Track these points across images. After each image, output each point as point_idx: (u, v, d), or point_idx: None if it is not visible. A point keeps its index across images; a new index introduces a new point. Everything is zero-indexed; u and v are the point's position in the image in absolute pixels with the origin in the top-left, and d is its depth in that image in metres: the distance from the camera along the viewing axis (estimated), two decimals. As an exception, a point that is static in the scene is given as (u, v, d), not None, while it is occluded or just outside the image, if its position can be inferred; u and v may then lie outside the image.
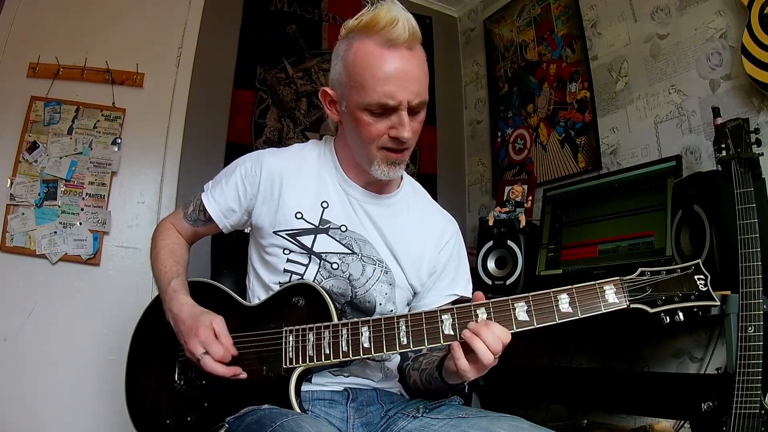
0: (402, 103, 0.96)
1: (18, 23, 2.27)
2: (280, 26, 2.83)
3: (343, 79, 1.02)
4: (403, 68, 0.95)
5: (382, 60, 0.95)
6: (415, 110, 1.00)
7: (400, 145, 1.01)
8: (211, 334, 0.98)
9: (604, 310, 0.87)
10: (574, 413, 2.23)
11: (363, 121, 1.00)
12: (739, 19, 1.87)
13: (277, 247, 1.10)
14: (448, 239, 1.20)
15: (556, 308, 0.87)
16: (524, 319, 0.88)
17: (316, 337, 0.98)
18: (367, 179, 1.12)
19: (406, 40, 0.95)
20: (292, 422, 0.86)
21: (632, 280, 0.88)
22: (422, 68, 0.99)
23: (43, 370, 2.10)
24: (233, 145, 2.58)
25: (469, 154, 3.26)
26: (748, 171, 1.41)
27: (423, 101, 1.00)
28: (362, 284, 1.10)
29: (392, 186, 1.17)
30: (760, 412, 1.25)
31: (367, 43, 0.96)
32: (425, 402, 1.05)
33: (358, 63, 0.97)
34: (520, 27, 2.94)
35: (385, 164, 1.04)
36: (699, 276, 0.88)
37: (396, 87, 0.95)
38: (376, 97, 0.96)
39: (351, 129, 1.05)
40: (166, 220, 1.28)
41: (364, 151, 1.04)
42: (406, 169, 1.14)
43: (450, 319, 0.91)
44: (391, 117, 0.98)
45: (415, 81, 0.97)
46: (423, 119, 1.03)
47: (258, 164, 1.13)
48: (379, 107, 0.97)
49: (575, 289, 0.88)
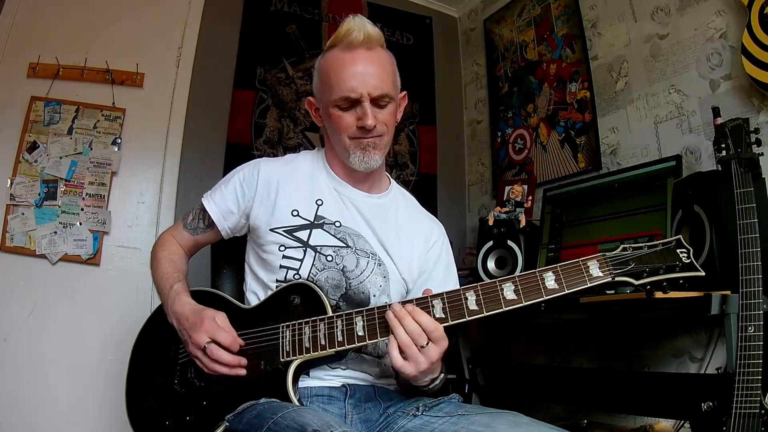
0: (363, 95, 1.08)
1: (18, 23, 2.27)
2: (280, 26, 2.83)
3: (318, 86, 1.17)
4: (361, 65, 1.08)
5: (344, 60, 1.09)
6: (379, 103, 1.10)
7: (366, 133, 1.11)
8: (216, 325, 1.02)
9: (589, 284, 0.89)
10: (574, 413, 2.23)
11: (334, 115, 1.12)
12: (739, 19, 1.87)
13: (274, 243, 1.13)
14: (435, 240, 1.26)
15: (542, 286, 0.90)
16: (512, 297, 0.91)
17: (312, 330, 1.00)
18: (355, 178, 1.20)
19: (362, 41, 1.08)
20: (293, 413, 0.87)
21: (615, 255, 0.91)
22: (381, 65, 1.11)
23: (43, 370, 2.11)
24: (233, 145, 2.59)
25: (469, 154, 3.26)
26: (748, 171, 1.41)
27: (384, 93, 1.10)
28: (356, 276, 1.13)
29: (382, 187, 1.26)
30: (760, 412, 1.25)
31: (334, 51, 1.12)
32: (425, 400, 1.05)
33: (327, 67, 1.12)
34: (520, 27, 2.94)
35: (360, 151, 1.13)
36: (681, 249, 0.90)
37: (356, 82, 1.08)
38: (340, 93, 1.09)
39: (328, 126, 1.17)
40: (166, 232, 1.32)
41: (340, 143, 1.15)
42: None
43: (440, 303, 0.93)
44: (357, 109, 1.10)
45: (372, 75, 1.08)
46: (392, 111, 1.14)
47: (255, 170, 1.21)
48: (344, 101, 1.09)
49: (560, 267, 0.91)
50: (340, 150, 1.16)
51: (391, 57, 1.15)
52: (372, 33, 1.09)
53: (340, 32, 1.10)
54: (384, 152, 1.17)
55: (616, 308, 1.74)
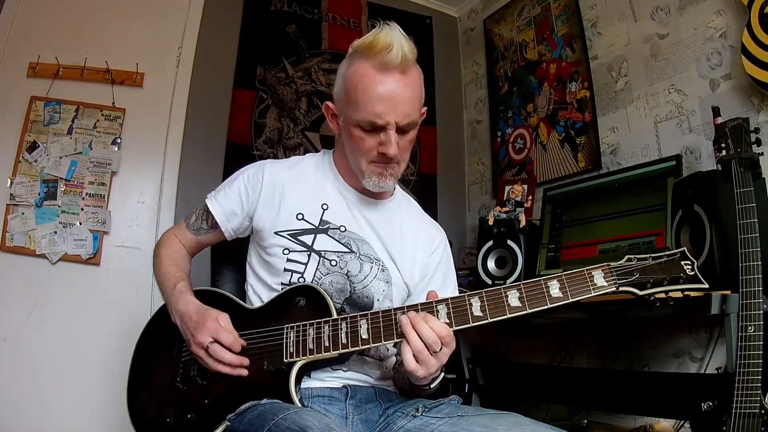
0: (390, 123, 1.04)
1: (18, 23, 2.27)
2: (280, 26, 2.83)
3: (341, 95, 1.10)
4: (393, 91, 1.03)
5: (375, 82, 1.03)
6: (403, 130, 1.07)
7: (387, 161, 1.09)
8: (219, 326, 1.02)
9: (593, 294, 0.90)
10: (574, 413, 2.24)
11: (355, 135, 1.07)
12: (739, 18, 1.87)
13: (278, 246, 1.13)
14: (437, 245, 1.26)
15: (547, 294, 0.91)
16: (516, 305, 0.91)
17: (316, 331, 1.00)
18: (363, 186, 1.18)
19: (399, 65, 1.02)
20: (294, 415, 0.86)
21: (620, 265, 0.91)
22: (413, 91, 1.06)
23: (43, 370, 2.11)
24: (233, 144, 2.59)
25: (469, 154, 3.26)
26: (748, 171, 1.41)
27: (411, 122, 1.07)
28: (360, 280, 1.13)
29: (387, 194, 1.24)
30: (760, 411, 1.25)
31: (364, 65, 1.04)
32: (424, 401, 1.06)
33: (354, 82, 1.05)
34: (520, 27, 2.94)
35: (376, 176, 1.11)
36: (685, 262, 0.91)
37: (385, 108, 1.02)
38: (366, 116, 1.04)
39: (347, 141, 1.13)
40: (169, 231, 1.32)
41: (357, 164, 1.12)
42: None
43: (445, 309, 0.94)
44: (380, 134, 1.05)
45: (404, 103, 1.04)
46: (413, 137, 1.11)
47: (260, 171, 1.20)
48: (369, 125, 1.05)
49: (565, 276, 0.91)
50: (356, 168, 1.13)
51: (421, 75, 1.10)
52: (408, 54, 1.03)
53: (376, 45, 1.02)
54: (399, 176, 1.15)
55: (616, 308, 1.74)
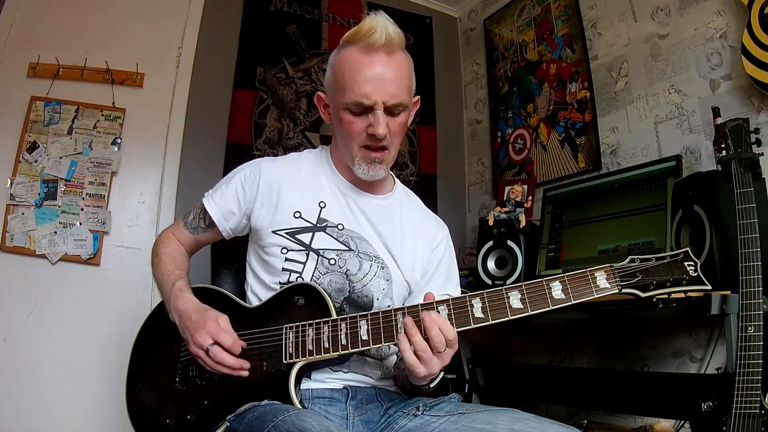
0: (377, 102, 1.04)
1: (18, 23, 2.27)
2: (280, 26, 2.83)
3: (330, 83, 1.12)
4: (379, 71, 1.04)
5: (361, 63, 1.04)
6: (392, 111, 1.07)
7: (377, 142, 1.08)
8: (219, 327, 1.01)
9: (596, 296, 0.89)
10: (574, 413, 2.24)
11: (345, 119, 1.08)
12: (739, 19, 1.87)
13: (276, 246, 1.12)
14: (439, 241, 1.24)
15: (549, 295, 0.90)
16: (518, 306, 0.90)
17: (315, 332, 1.00)
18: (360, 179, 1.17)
19: (383, 45, 1.03)
20: (294, 417, 0.86)
21: (623, 266, 0.91)
22: (400, 71, 1.07)
23: (43, 370, 2.11)
24: (233, 144, 2.59)
25: (469, 154, 3.26)
26: (748, 171, 1.41)
27: (399, 102, 1.06)
28: (359, 279, 1.12)
29: (386, 188, 1.24)
30: (760, 412, 1.25)
31: (351, 50, 1.06)
32: (425, 400, 1.06)
33: (342, 67, 1.07)
34: (520, 27, 2.94)
35: (365, 162, 1.11)
36: (688, 262, 0.90)
37: (372, 88, 1.03)
38: (353, 97, 1.04)
39: (337, 128, 1.13)
40: (167, 230, 1.31)
41: (348, 149, 1.12)
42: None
43: (446, 310, 0.93)
44: (369, 116, 1.06)
45: (390, 83, 1.04)
46: (404, 121, 1.11)
47: (257, 170, 1.19)
48: (357, 106, 1.05)
49: (567, 277, 0.90)
50: (346, 155, 1.14)
51: (410, 60, 1.12)
52: (394, 36, 1.04)
53: (361, 29, 1.04)
54: (389, 165, 1.15)
55: (616, 308, 1.74)
